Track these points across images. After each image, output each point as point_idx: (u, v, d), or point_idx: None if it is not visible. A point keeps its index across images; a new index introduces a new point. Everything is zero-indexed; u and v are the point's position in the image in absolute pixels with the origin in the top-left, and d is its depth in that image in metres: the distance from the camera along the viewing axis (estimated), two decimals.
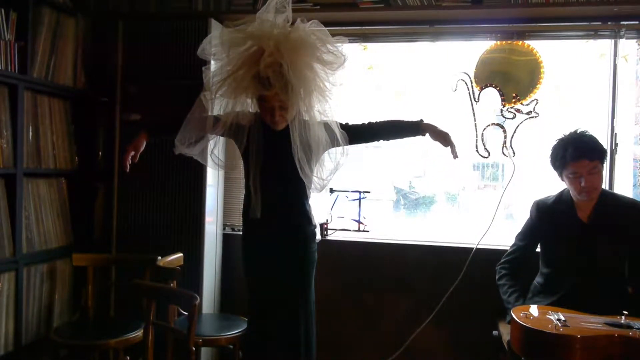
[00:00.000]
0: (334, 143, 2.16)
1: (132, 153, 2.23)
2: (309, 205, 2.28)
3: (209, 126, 2.16)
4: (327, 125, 2.16)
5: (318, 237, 2.37)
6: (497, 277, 2.60)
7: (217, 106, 2.14)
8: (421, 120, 2.29)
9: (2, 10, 2.58)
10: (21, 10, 2.68)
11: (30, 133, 2.78)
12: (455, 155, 2.25)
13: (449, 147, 2.25)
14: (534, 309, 2.23)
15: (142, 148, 2.25)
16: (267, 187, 2.17)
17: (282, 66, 1.96)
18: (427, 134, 2.28)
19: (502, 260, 2.63)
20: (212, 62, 2.28)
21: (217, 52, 2.15)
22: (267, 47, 1.97)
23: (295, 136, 2.09)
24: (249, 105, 2.16)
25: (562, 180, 2.40)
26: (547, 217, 2.48)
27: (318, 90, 2.09)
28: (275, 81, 1.96)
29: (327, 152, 2.20)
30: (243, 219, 2.33)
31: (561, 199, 2.47)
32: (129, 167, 2.23)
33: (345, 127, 2.22)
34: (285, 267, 2.23)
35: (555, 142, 2.41)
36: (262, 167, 2.15)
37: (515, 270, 2.57)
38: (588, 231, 2.36)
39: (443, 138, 2.25)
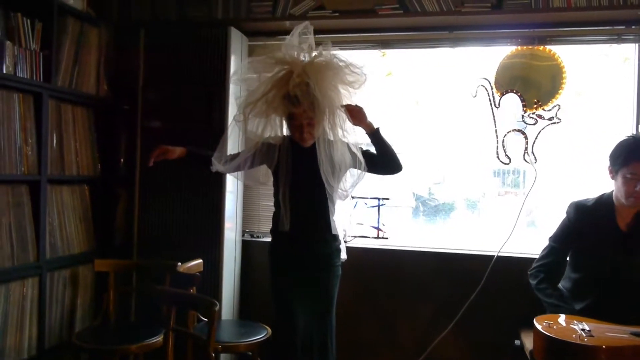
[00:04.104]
0: (355, 164, 2.27)
1: (162, 152, 2.32)
2: (334, 222, 2.36)
3: (244, 155, 2.31)
4: (349, 147, 2.27)
5: (344, 256, 2.47)
6: (534, 281, 2.48)
7: (250, 127, 2.28)
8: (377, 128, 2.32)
9: (28, 21, 2.65)
10: (46, 20, 2.74)
11: (54, 140, 2.84)
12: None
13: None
14: (557, 318, 2.19)
15: (173, 157, 2.35)
16: (295, 202, 2.28)
17: (309, 85, 2.13)
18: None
19: (537, 264, 2.53)
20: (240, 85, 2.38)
21: (248, 79, 2.30)
22: (295, 69, 2.17)
23: (321, 150, 2.22)
24: (278, 126, 2.31)
25: (613, 178, 2.31)
26: (585, 219, 2.40)
27: (341, 109, 2.23)
28: (303, 99, 2.14)
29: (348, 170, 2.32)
30: (272, 233, 2.41)
31: (601, 202, 2.39)
32: (152, 163, 2.32)
33: (365, 154, 2.31)
34: (310, 280, 2.30)
35: (624, 138, 2.31)
36: (291, 183, 2.27)
37: (552, 274, 2.47)
38: (624, 240, 2.30)
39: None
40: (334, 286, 2.35)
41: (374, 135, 2.27)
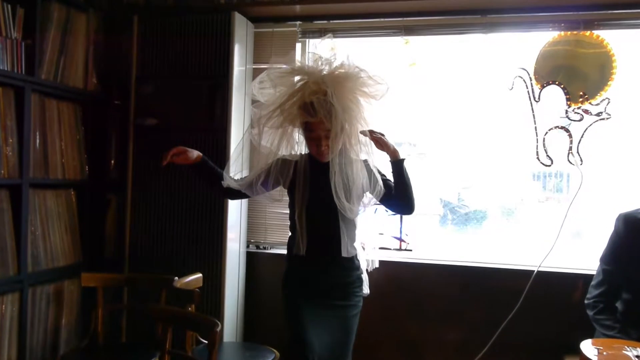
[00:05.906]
0: (370, 187, 2.31)
1: (180, 152, 2.32)
2: (355, 247, 2.38)
3: (255, 173, 2.36)
4: (368, 168, 2.32)
5: (366, 290, 2.49)
6: (592, 312, 2.48)
7: (264, 141, 2.33)
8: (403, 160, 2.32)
9: (9, 6, 2.63)
10: (29, 6, 2.73)
11: (38, 140, 2.83)
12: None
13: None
14: (608, 343, 2.15)
15: (189, 160, 2.35)
16: (313, 224, 2.32)
17: (326, 94, 2.21)
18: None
19: (594, 294, 2.50)
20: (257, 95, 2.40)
21: (264, 93, 2.38)
22: (312, 77, 2.27)
23: (335, 164, 2.26)
24: (295, 141, 2.38)
25: None
26: (636, 233, 2.36)
27: (362, 123, 2.30)
28: (319, 107, 2.19)
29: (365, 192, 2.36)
30: (287, 255, 2.43)
31: None
32: (165, 163, 2.32)
33: (384, 180, 2.34)
34: (327, 311, 2.31)
35: None
36: (309, 203, 2.31)
37: (612, 304, 2.45)
38: None
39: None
40: (354, 317, 2.36)
41: (397, 164, 2.28)
